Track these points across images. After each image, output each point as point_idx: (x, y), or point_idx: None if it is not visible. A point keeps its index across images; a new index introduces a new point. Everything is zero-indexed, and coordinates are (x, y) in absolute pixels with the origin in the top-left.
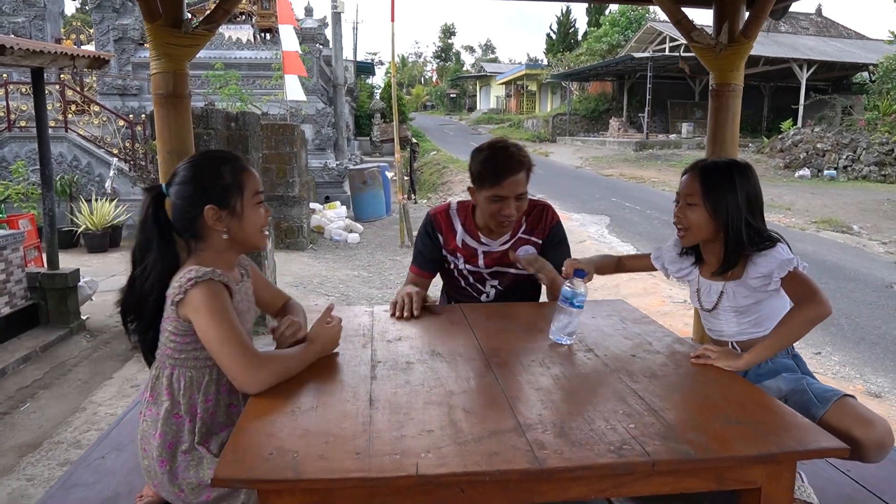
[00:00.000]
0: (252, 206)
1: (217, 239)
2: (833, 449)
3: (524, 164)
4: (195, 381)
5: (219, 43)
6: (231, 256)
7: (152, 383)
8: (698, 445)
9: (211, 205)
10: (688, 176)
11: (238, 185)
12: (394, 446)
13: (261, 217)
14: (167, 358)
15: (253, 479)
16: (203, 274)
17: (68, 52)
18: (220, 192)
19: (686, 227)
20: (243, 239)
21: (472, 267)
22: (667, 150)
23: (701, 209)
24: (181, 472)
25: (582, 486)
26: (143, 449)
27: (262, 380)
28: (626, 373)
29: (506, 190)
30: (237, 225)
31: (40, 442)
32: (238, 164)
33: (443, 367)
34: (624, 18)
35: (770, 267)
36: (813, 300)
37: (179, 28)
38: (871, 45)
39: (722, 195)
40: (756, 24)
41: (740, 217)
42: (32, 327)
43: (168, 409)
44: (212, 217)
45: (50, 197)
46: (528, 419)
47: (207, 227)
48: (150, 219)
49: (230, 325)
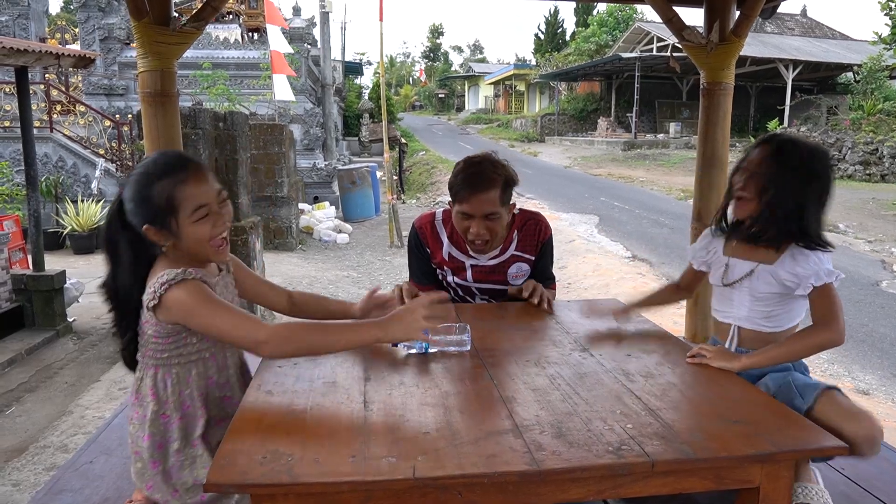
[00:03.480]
0: (191, 223)
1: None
2: (832, 448)
3: (496, 182)
4: (182, 378)
5: (206, 42)
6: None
7: (137, 385)
8: (697, 445)
9: (147, 224)
10: (761, 149)
11: (171, 206)
12: (389, 449)
13: (204, 232)
14: (149, 359)
15: (246, 483)
16: (175, 276)
17: (53, 51)
18: (153, 213)
19: (749, 199)
20: (189, 252)
21: (461, 280)
22: (655, 150)
23: (763, 186)
24: (175, 472)
25: (580, 488)
26: (134, 452)
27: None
28: (622, 372)
29: (473, 208)
30: (178, 241)
31: (26, 446)
32: (177, 178)
33: (437, 367)
34: (612, 19)
35: (809, 270)
36: (830, 326)
37: (167, 26)
38: (856, 46)
39: (793, 177)
40: (747, 23)
41: (802, 199)
42: (18, 330)
43: (154, 411)
44: (152, 235)
45: (35, 198)
46: (524, 420)
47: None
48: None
49: (225, 307)
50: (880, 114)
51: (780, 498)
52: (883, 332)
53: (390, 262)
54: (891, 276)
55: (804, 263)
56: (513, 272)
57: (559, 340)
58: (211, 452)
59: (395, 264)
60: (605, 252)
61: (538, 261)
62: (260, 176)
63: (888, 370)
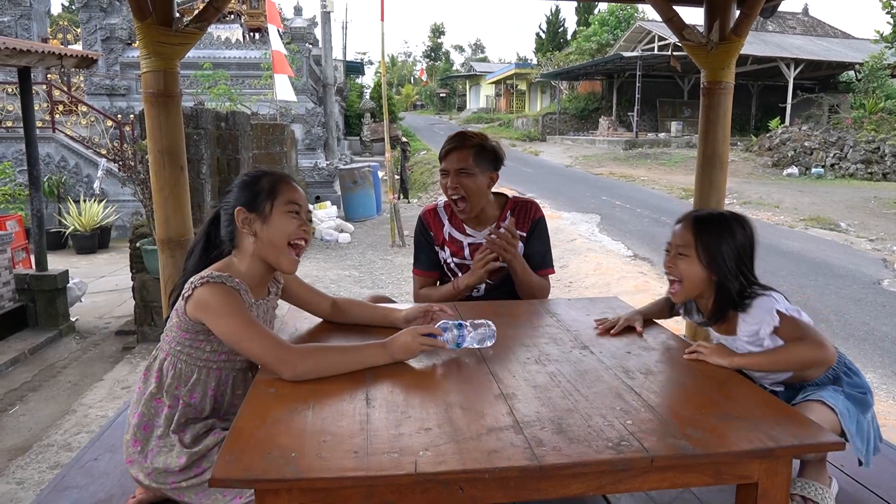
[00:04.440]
0: (282, 212)
1: (248, 246)
2: (829, 443)
3: (469, 144)
4: (183, 374)
5: (208, 42)
6: (259, 269)
7: (149, 362)
8: (696, 441)
9: (240, 207)
10: (680, 226)
11: (271, 191)
12: (392, 444)
13: (291, 226)
14: (165, 343)
15: (250, 478)
16: (216, 276)
17: (55, 52)
18: (253, 195)
19: (678, 279)
20: (270, 246)
21: (459, 260)
22: (656, 149)
23: (693, 260)
24: (152, 455)
25: (581, 483)
26: (127, 422)
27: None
28: (621, 369)
29: (447, 163)
30: (263, 228)
31: (30, 445)
32: (280, 176)
33: (439, 364)
34: (613, 18)
35: (756, 321)
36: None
37: (169, 26)
38: (857, 45)
39: (717, 246)
40: (747, 22)
41: (732, 269)
42: (21, 329)
43: (152, 392)
44: (241, 219)
45: (38, 198)
46: (525, 416)
47: (239, 232)
48: (203, 230)
49: (249, 320)
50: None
51: (779, 493)
52: (884, 330)
53: (392, 261)
54: (892, 274)
55: (749, 320)
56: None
57: (559, 338)
58: (183, 445)
59: (396, 263)
60: (607, 251)
61: (532, 239)
62: None
63: (889, 368)
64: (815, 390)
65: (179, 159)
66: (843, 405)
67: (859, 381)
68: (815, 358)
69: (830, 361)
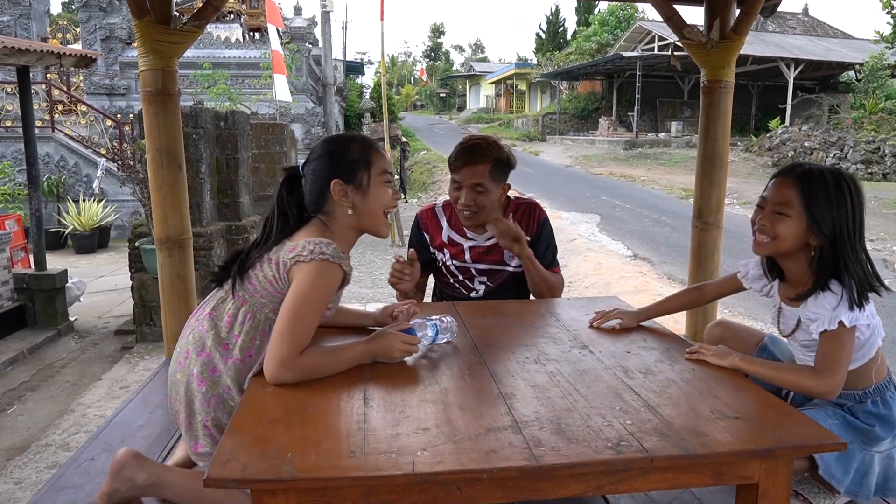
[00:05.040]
0: (378, 183)
1: (342, 216)
2: (830, 444)
3: (486, 157)
4: (260, 326)
5: (207, 42)
6: (352, 237)
7: (218, 303)
8: (696, 441)
9: (337, 178)
10: (779, 180)
11: (366, 161)
12: (389, 444)
13: (387, 196)
14: (247, 295)
15: (246, 478)
16: (336, 256)
17: (54, 51)
18: (348, 166)
19: (772, 237)
20: (368, 217)
21: (459, 262)
22: (656, 149)
23: (794, 221)
24: (216, 402)
25: (579, 484)
26: (178, 362)
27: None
28: (621, 369)
29: (461, 176)
30: (362, 200)
31: (28, 445)
32: (368, 142)
33: (437, 364)
34: (613, 18)
35: (820, 311)
36: (822, 377)
37: (168, 24)
38: (857, 45)
39: (825, 208)
40: (747, 21)
41: (849, 236)
42: (19, 329)
43: (222, 336)
44: (338, 191)
45: (37, 197)
46: (524, 416)
47: (334, 203)
48: (282, 195)
49: (316, 312)
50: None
51: (779, 493)
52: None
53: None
54: (893, 274)
55: (820, 304)
56: (508, 252)
57: (559, 337)
58: None
59: None
60: (606, 251)
61: (538, 242)
62: (261, 175)
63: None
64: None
65: (178, 158)
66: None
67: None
68: (816, 392)
69: (830, 396)
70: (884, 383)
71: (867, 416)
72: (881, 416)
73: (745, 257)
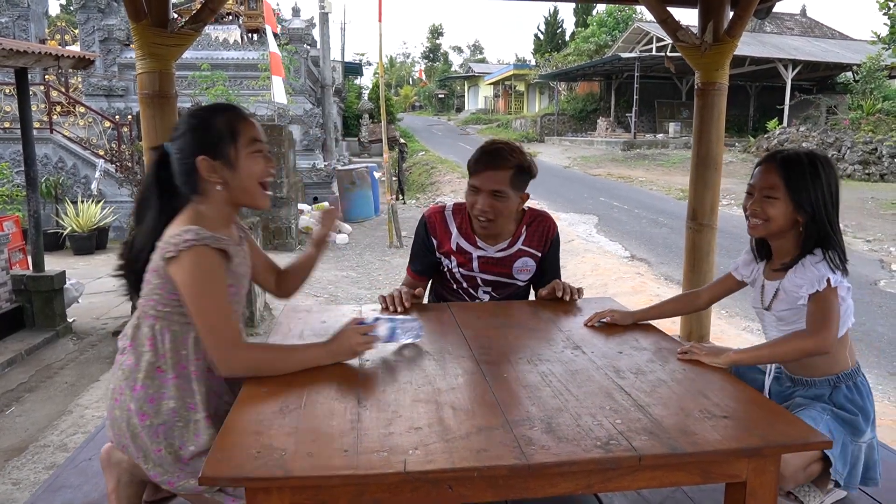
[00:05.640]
0: (247, 154)
1: (214, 193)
2: (816, 443)
3: (508, 163)
4: (179, 337)
5: (205, 43)
6: (229, 212)
7: (132, 332)
8: (684, 440)
9: (203, 155)
10: (763, 167)
11: (231, 133)
12: (382, 443)
13: (259, 167)
14: (150, 309)
15: (241, 477)
16: (201, 238)
17: (52, 53)
18: (212, 141)
19: (764, 220)
20: (241, 191)
21: (466, 271)
22: (654, 150)
23: (782, 203)
24: (164, 431)
25: (569, 482)
26: (114, 399)
27: (234, 366)
28: (612, 369)
29: (480, 181)
30: (232, 175)
31: (26, 445)
32: (233, 112)
33: (431, 364)
34: (611, 19)
35: (806, 278)
36: (816, 333)
37: (165, 27)
38: (855, 46)
39: (806, 188)
40: (740, 23)
41: (827, 211)
42: (17, 330)
43: (150, 361)
44: (205, 168)
45: (35, 198)
46: (515, 416)
47: (204, 181)
48: (151, 175)
49: (215, 297)
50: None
51: (767, 492)
52: (881, 331)
53: (389, 262)
54: (889, 275)
55: (804, 273)
56: (518, 266)
57: (552, 338)
58: (210, 420)
59: (394, 264)
60: (604, 252)
61: (547, 258)
62: None
63: (885, 369)
64: (802, 406)
65: None
66: (825, 427)
67: (860, 402)
68: (815, 349)
69: (826, 350)
70: (854, 370)
71: (847, 403)
72: (857, 404)
73: None
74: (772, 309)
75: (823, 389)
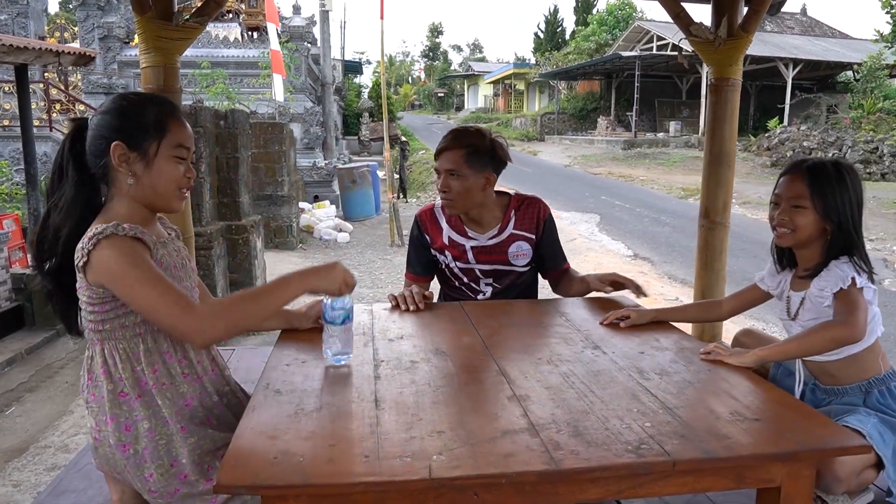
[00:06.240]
0: (168, 157)
1: (124, 185)
2: (854, 447)
3: (460, 144)
4: (130, 353)
5: (206, 41)
6: (144, 212)
7: (88, 364)
8: (717, 444)
9: (119, 141)
10: (789, 177)
11: (159, 129)
12: (404, 448)
13: (177, 173)
14: (93, 333)
15: (257, 485)
16: (103, 230)
17: (53, 49)
18: (135, 129)
19: (792, 230)
20: (151, 190)
21: (463, 264)
22: (655, 149)
23: (810, 212)
24: (149, 454)
25: (599, 488)
26: (94, 438)
27: (207, 330)
28: (635, 370)
29: (439, 163)
30: (144, 171)
31: (26, 446)
32: (169, 109)
33: (448, 365)
34: (611, 18)
35: (830, 279)
36: (845, 322)
37: (170, 21)
38: (855, 45)
39: (833, 196)
40: (755, 17)
41: (853, 218)
42: (17, 329)
43: (111, 390)
44: (117, 155)
45: (35, 196)
46: (540, 419)
47: (113, 168)
48: (66, 148)
49: (145, 274)
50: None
51: (802, 498)
52: (886, 331)
53: (391, 260)
54: (892, 274)
55: (829, 275)
56: (513, 251)
57: (570, 338)
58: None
59: (395, 263)
60: (607, 251)
61: (544, 241)
62: (260, 174)
63: None
64: (844, 413)
65: None
66: (873, 428)
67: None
68: (845, 340)
69: (857, 338)
70: (887, 375)
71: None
72: (892, 408)
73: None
74: (798, 319)
75: (856, 396)
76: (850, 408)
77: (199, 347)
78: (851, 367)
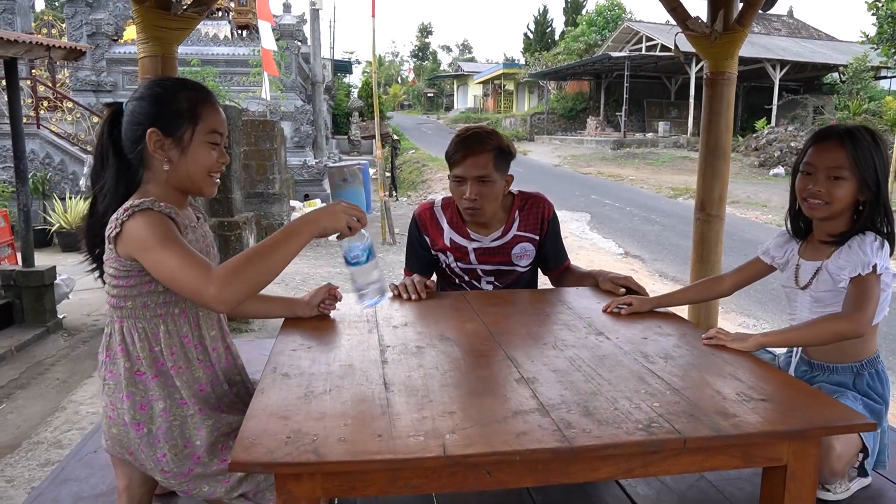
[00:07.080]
0: (202, 143)
1: (159, 170)
2: (859, 424)
3: (488, 147)
4: (150, 333)
5: (196, 39)
6: (177, 195)
7: (107, 342)
8: (726, 422)
9: (154, 128)
10: (824, 145)
11: (193, 115)
12: (416, 428)
13: (210, 158)
14: (114, 310)
15: (273, 462)
16: (140, 203)
17: (44, 43)
18: (170, 116)
19: (828, 202)
20: (186, 176)
21: (464, 265)
22: (644, 149)
23: (849, 182)
24: (163, 433)
25: (611, 466)
26: (108, 417)
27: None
28: (640, 354)
29: (463, 169)
30: (180, 158)
31: (19, 443)
32: (203, 94)
33: (454, 350)
34: (601, 18)
35: (851, 261)
36: (851, 315)
37: (168, 10)
38: (841, 47)
39: (873, 165)
40: (751, 12)
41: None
42: (7, 326)
43: (128, 368)
44: (153, 142)
45: (25, 192)
46: (550, 399)
47: (149, 154)
48: (104, 134)
49: (179, 245)
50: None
51: (808, 475)
52: (885, 330)
53: (383, 258)
54: None
55: (849, 255)
56: (517, 252)
57: (573, 325)
58: (205, 411)
59: (387, 261)
60: (598, 248)
61: (547, 240)
62: (251, 172)
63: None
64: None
65: None
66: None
67: (881, 390)
68: (849, 334)
69: (860, 334)
70: (875, 357)
71: (870, 391)
72: (878, 391)
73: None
74: (809, 289)
75: (846, 376)
76: (839, 390)
77: (219, 305)
78: (848, 348)
